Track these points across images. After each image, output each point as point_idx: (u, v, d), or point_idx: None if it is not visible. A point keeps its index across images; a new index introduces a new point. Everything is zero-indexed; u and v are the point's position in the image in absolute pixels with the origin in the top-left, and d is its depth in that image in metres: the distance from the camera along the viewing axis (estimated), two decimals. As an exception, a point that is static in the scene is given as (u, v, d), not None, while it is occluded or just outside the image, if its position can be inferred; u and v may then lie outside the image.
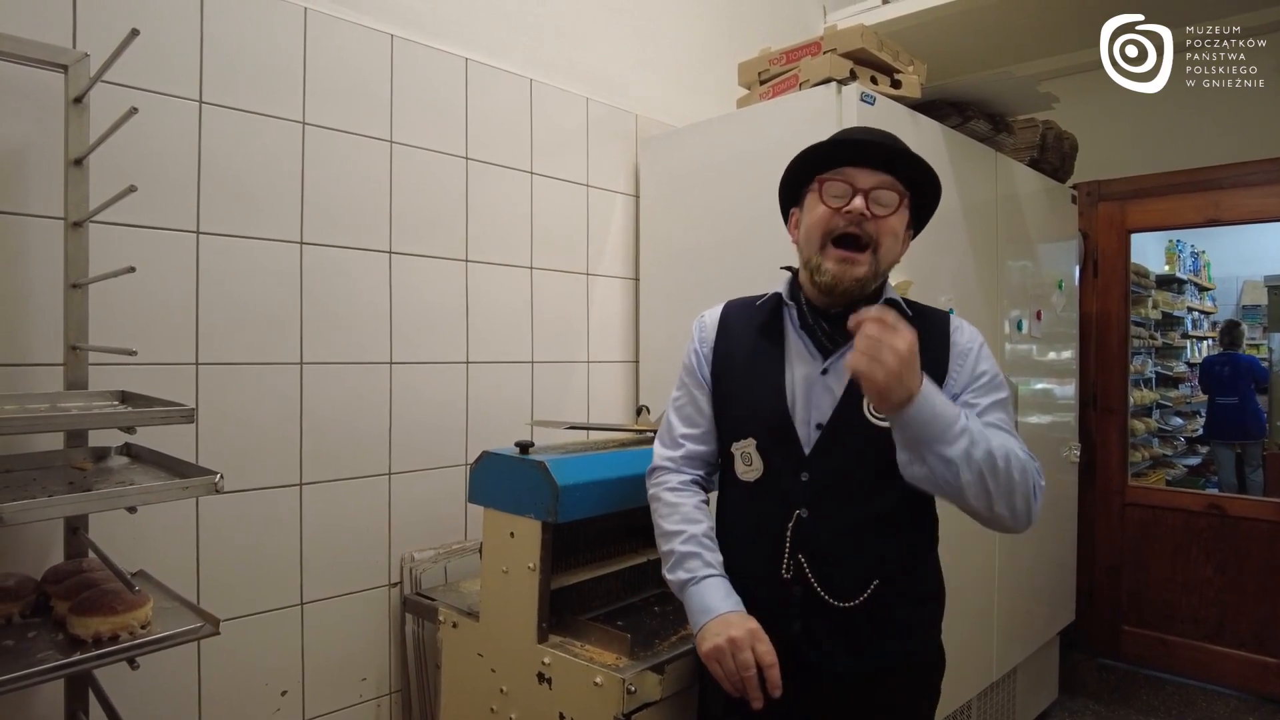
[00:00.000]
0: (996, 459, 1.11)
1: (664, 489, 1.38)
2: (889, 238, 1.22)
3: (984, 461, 1.10)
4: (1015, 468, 1.13)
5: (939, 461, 1.10)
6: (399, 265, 1.89)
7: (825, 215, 1.23)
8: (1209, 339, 6.08)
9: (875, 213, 1.21)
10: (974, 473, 1.10)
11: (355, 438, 1.81)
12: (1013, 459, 1.13)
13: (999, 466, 1.11)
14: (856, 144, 1.24)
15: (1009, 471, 1.12)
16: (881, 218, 1.21)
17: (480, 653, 1.55)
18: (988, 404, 1.23)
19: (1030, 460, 1.18)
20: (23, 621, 1.19)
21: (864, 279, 1.22)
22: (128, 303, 1.47)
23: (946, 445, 1.09)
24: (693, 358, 1.41)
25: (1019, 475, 1.13)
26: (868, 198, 1.21)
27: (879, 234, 1.21)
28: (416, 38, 1.93)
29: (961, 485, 1.11)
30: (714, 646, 1.18)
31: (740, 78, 2.30)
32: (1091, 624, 3.51)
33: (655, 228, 2.41)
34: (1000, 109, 2.47)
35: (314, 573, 1.75)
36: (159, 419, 1.18)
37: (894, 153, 1.22)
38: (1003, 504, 1.13)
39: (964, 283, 2.31)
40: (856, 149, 1.23)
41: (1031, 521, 1.18)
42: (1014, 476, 1.13)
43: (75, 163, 1.32)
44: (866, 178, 1.21)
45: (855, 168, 1.22)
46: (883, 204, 1.21)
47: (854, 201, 1.20)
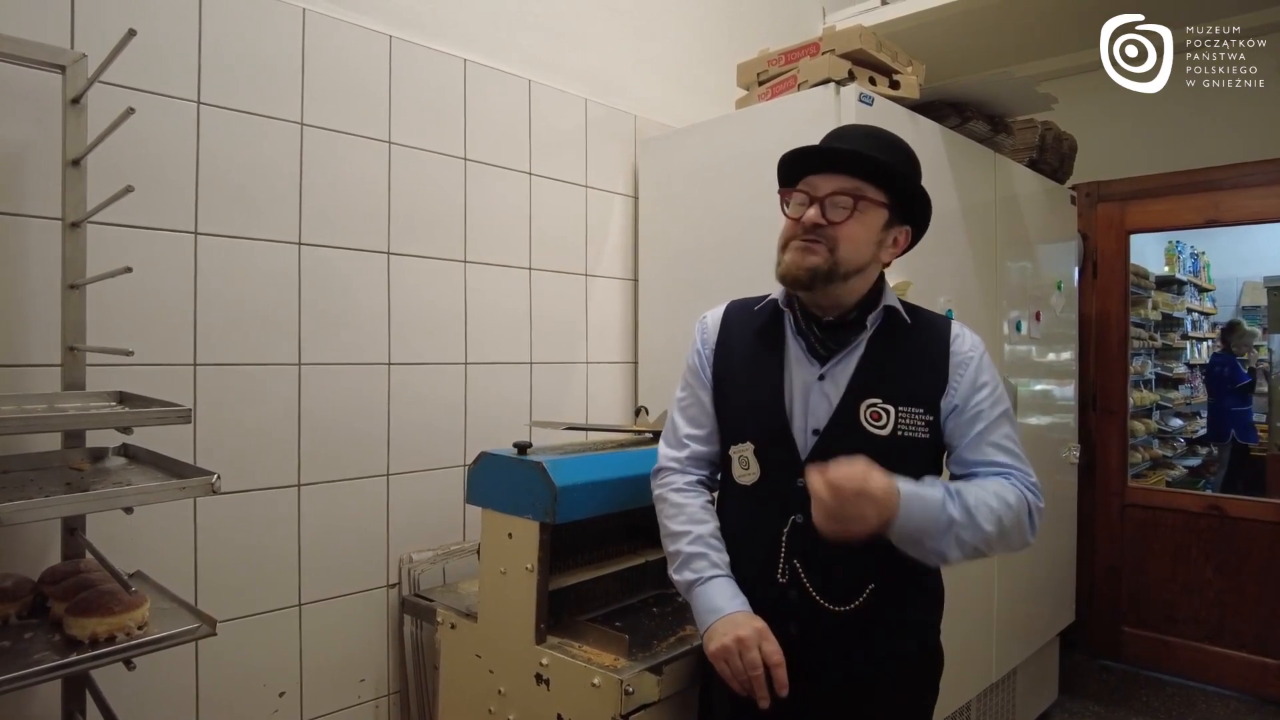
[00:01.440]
0: (989, 533, 1.14)
1: (670, 489, 1.38)
2: (847, 242, 1.21)
3: (978, 541, 1.14)
4: (1009, 521, 1.16)
5: (932, 552, 1.15)
6: (397, 266, 1.89)
7: (788, 226, 1.26)
8: (1209, 339, 6.07)
9: (830, 219, 1.21)
10: (968, 551, 1.15)
11: (353, 439, 1.81)
12: (1004, 516, 1.16)
13: (991, 536, 1.15)
14: (810, 152, 1.25)
15: (1002, 531, 1.16)
16: (837, 223, 1.20)
17: (478, 654, 1.55)
18: (990, 421, 1.23)
19: (1026, 492, 1.21)
20: (19, 622, 1.19)
21: (816, 268, 1.20)
22: (125, 303, 1.47)
23: (936, 539, 1.13)
24: (695, 358, 1.41)
25: (1013, 525, 1.17)
26: (824, 205, 1.21)
27: (836, 238, 1.20)
28: (415, 38, 1.93)
29: (957, 560, 1.16)
30: (721, 646, 1.18)
31: (739, 78, 2.30)
32: (1092, 625, 3.51)
33: (654, 228, 2.41)
34: (999, 110, 2.47)
35: (312, 574, 1.74)
36: (156, 419, 1.18)
37: (853, 159, 1.22)
38: (1000, 550, 1.20)
39: (963, 284, 2.30)
40: (815, 157, 1.24)
41: (1029, 545, 1.22)
42: (1008, 531, 1.17)
43: (73, 163, 1.32)
44: (826, 183, 1.22)
45: (818, 175, 1.23)
46: (839, 207, 1.21)
47: (808, 212, 1.22)
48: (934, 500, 1.12)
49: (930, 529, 1.11)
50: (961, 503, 1.13)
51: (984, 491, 1.17)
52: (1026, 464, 1.25)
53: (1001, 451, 1.23)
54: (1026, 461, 1.26)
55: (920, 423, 1.23)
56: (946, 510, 1.12)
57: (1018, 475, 1.23)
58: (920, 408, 1.24)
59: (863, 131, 1.29)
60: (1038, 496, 1.22)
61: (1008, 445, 1.24)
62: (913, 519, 1.10)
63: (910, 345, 1.27)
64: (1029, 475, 1.24)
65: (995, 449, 1.23)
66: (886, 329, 1.28)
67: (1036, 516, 1.21)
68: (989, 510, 1.14)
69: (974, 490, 1.16)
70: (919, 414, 1.23)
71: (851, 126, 1.29)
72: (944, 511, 1.12)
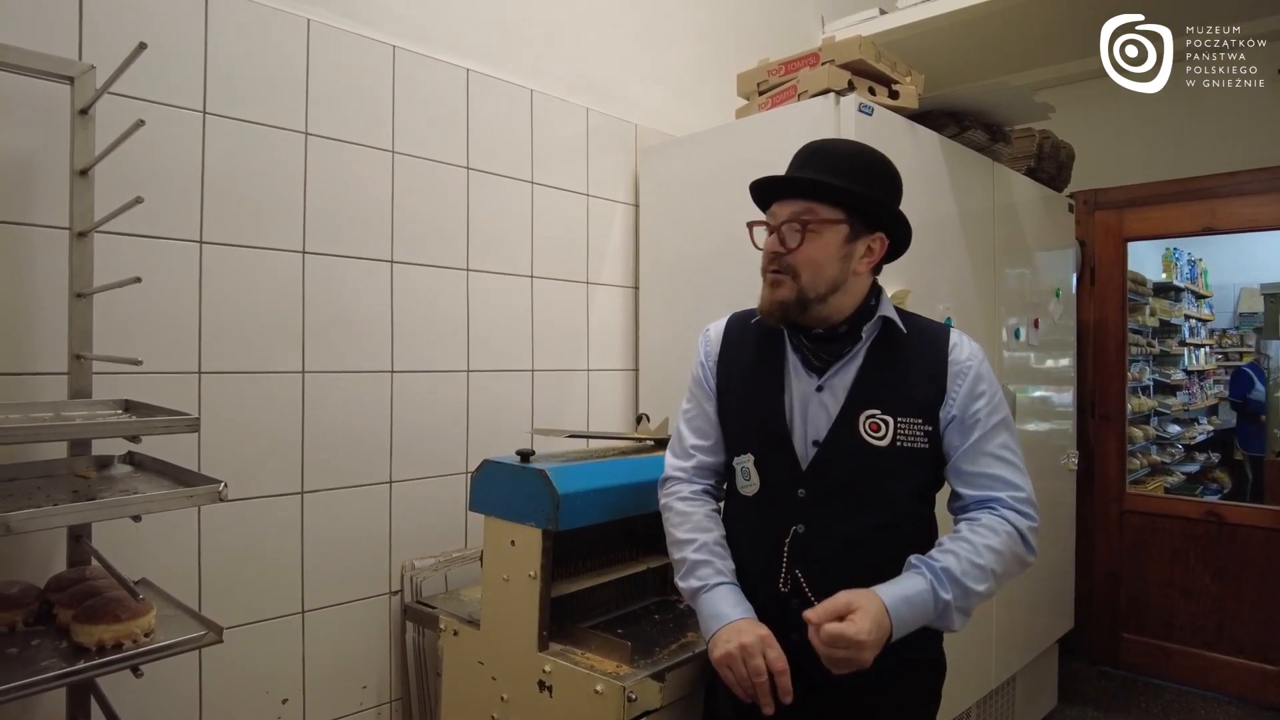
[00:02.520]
0: (986, 589, 1.18)
1: (676, 498, 1.39)
2: (807, 267, 1.23)
3: (978, 600, 1.19)
4: (1003, 566, 1.20)
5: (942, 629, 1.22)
6: (400, 274, 1.90)
7: (761, 257, 1.30)
8: (1206, 346, 6.09)
9: (788, 245, 1.24)
10: (973, 609, 1.20)
11: (357, 446, 1.82)
12: (996, 565, 1.19)
13: (990, 589, 1.19)
14: (760, 184, 1.30)
15: (999, 578, 1.20)
16: (793, 249, 1.23)
17: (481, 661, 1.56)
18: (986, 431, 1.25)
19: (1016, 517, 1.23)
20: (26, 629, 1.20)
21: (786, 301, 1.25)
22: (131, 311, 1.48)
23: (940, 622, 1.19)
24: (699, 369, 1.43)
25: (1009, 562, 1.22)
26: (780, 233, 1.25)
27: (795, 265, 1.23)
28: (418, 49, 1.94)
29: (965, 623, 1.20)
30: (725, 653, 1.19)
31: (739, 88, 2.32)
32: (1091, 631, 3.52)
33: (655, 237, 2.42)
34: (997, 119, 2.49)
35: (315, 581, 1.75)
36: (163, 428, 1.19)
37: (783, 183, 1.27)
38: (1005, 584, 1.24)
39: (962, 291, 2.32)
40: (769, 188, 1.29)
41: (1030, 565, 1.26)
42: (1005, 574, 1.22)
43: (81, 173, 1.33)
44: (782, 210, 1.26)
45: (778, 202, 1.28)
46: (793, 231, 1.24)
47: (767, 239, 1.27)
48: (922, 595, 1.15)
49: (930, 618, 1.16)
50: (949, 579, 1.16)
51: (969, 548, 1.18)
52: (1023, 474, 1.26)
53: (998, 462, 1.24)
54: (1024, 472, 1.26)
55: (919, 433, 1.24)
56: (938, 598, 1.16)
57: (1007, 498, 1.23)
58: (919, 418, 1.24)
59: (816, 146, 1.30)
60: (1030, 515, 1.24)
61: (1005, 455, 1.25)
62: (909, 623, 1.15)
63: (908, 355, 1.28)
64: (1019, 491, 1.24)
65: (992, 459, 1.24)
66: (884, 339, 1.29)
67: (1030, 537, 1.23)
68: (979, 571, 1.17)
69: (960, 552, 1.18)
70: (918, 424, 1.24)
71: (813, 142, 1.31)
72: (936, 600, 1.16)
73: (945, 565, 1.16)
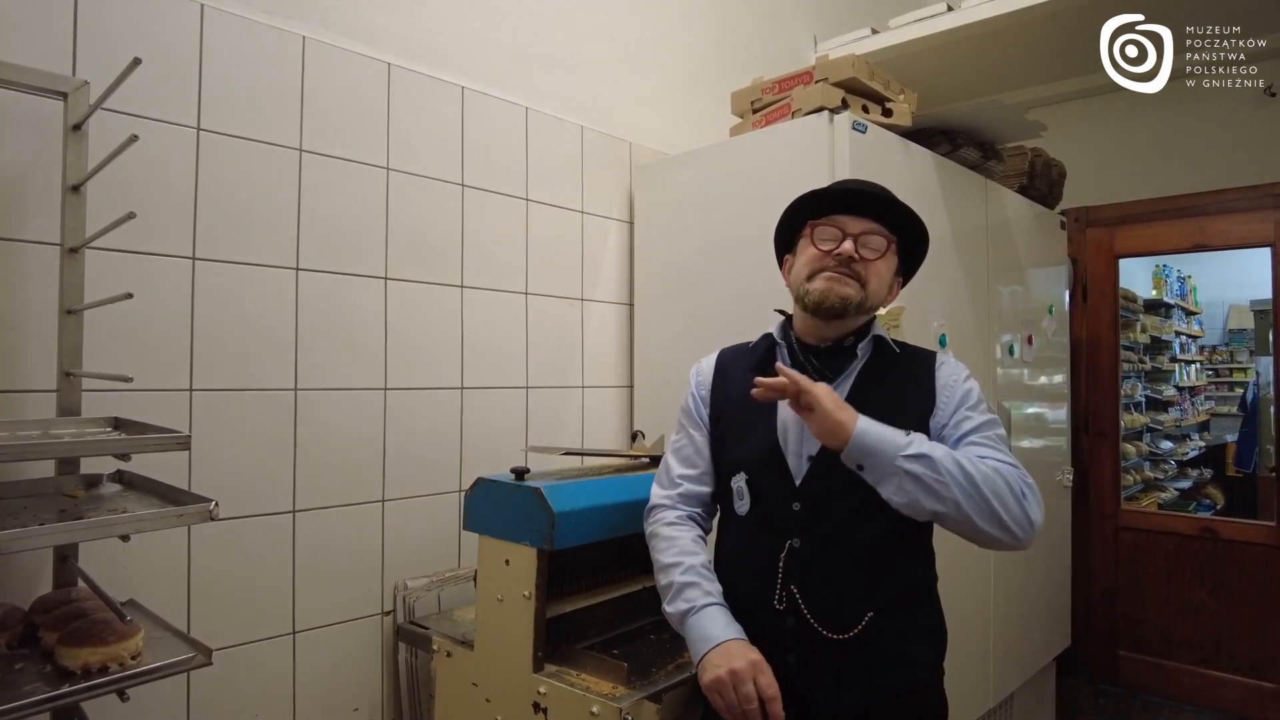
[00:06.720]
0: (958, 476, 1.11)
1: (661, 524, 1.39)
2: (875, 279, 1.28)
3: (945, 459, 1.12)
4: (986, 478, 1.12)
5: (908, 475, 1.11)
6: (394, 291, 1.90)
7: (815, 255, 1.29)
8: (1196, 362, 6.12)
9: (864, 255, 1.27)
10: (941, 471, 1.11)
11: (349, 464, 1.80)
12: (980, 472, 1.13)
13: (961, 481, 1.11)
14: (848, 193, 1.30)
15: (975, 485, 1.11)
16: (870, 260, 1.27)
17: (475, 682, 1.53)
18: (976, 425, 1.24)
19: (1014, 468, 1.18)
20: (10, 653, 1.17)
21: (849, 298, 1.26)
22: (121, 328, 1.47)
23: (902, 450, 1.12)
24: (690, 401, 1.45)
25: (998, 488, 1.13)
26: (857, 242, 1.27)
27: (866, 274, 1.27)
28: (413, 66, 1.95)
29: (938, 491, 1.11)
30: (715, 679, 1.16)
31: (733, 106, 2.33)
32: (1088, 649, 3.50)
33: (650, 254, 2.42)
34: (989, 137, 2.51)
35: (306, 601, 1.72)
36: (155, 446, 1.18)
37: (885, 204, 1.29)
38: (992, 514, 1.12)
39: (955, 308, 2.32)
40: (848, 197, 1.30)
41: (1033, 526, 1.15)
42: (989, 474, 1.13)
43: (73, 189, 1.32)
44: (856, 224, 1.28)
45: (846, 215, 1.29)
46: (871, 248, 1.27)
47: (844, 245, 1.27)
48: (893, 432, 1.14)
49: (894, 439, 1.13)
50: (926, 446, 1.13)
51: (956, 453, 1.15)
52: (1016, 462, 1.22)
53: (988, 448, 1.20)
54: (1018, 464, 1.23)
55: None
56: (910, 434, 1.14)
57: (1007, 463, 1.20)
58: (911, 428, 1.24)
59: (874, 185, 1.35)
60: (1026, 478, 1.18)
61: (995, 444, 1.22)
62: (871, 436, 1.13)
63: (898, 373, 1.32)
64: (1019, 468, 1.20)
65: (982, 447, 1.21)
66: (876, 359, 1.33)
67: (1030, 493, 1.16)
68: (955, 461, 1.12)
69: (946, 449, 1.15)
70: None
71: (857, 180, 1.37)
72: (906, 433, 1.14)
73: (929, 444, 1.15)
